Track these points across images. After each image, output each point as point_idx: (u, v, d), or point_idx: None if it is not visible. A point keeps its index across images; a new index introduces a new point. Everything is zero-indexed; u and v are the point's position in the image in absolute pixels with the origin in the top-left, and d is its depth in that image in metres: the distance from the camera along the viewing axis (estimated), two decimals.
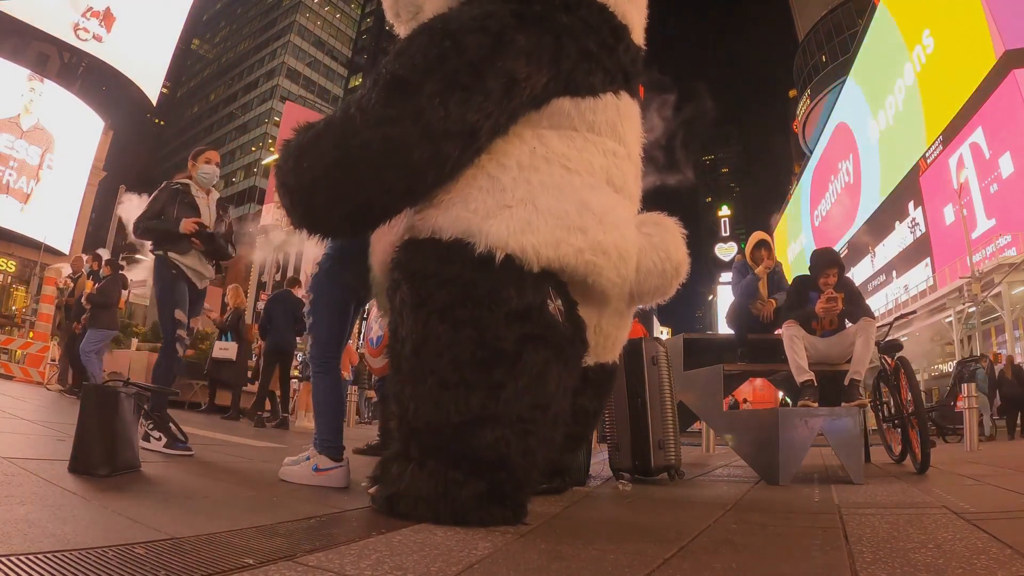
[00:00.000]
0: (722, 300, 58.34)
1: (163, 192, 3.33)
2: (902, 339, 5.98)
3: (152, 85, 30.87)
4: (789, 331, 3.64)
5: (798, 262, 34.76)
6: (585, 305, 2.09)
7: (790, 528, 2.01)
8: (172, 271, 3.21)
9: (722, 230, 75.28)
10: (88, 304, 6.56)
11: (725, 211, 77.45)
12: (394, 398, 1.99)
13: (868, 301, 4.34)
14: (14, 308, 26.28)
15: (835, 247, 22.20)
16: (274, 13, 58.99)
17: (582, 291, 2.05)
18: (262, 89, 56.24)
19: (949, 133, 19.67)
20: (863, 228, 27.36)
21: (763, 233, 4.71)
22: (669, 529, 1.92)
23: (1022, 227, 15.58)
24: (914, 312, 17.25)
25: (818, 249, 4.23)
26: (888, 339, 4.13)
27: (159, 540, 1.32)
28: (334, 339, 2.54)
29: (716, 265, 69.33)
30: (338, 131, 1.93)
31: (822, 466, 4.14)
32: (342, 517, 1.85)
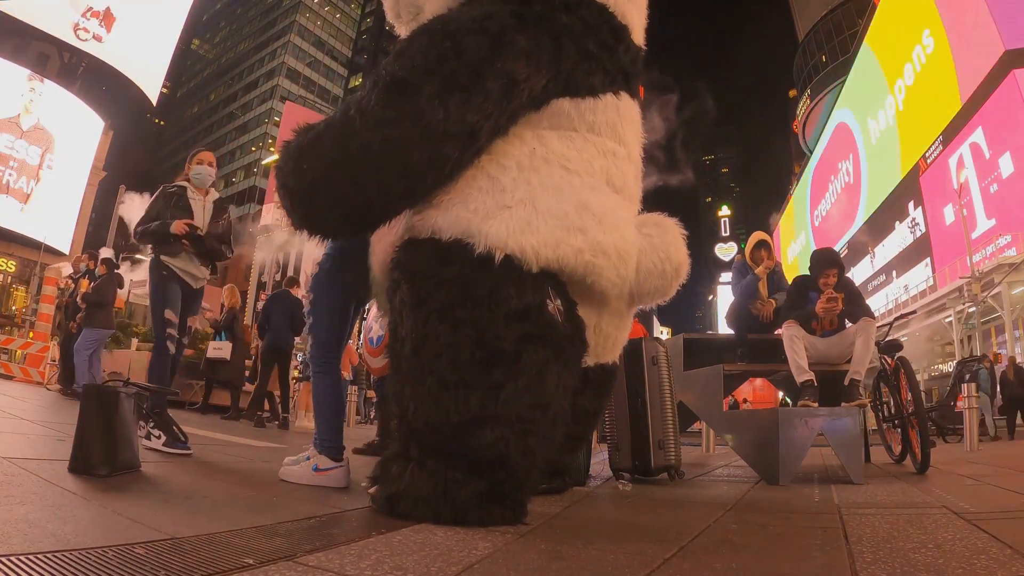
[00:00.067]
0: (722, 300, 58.29)
1: (160, 195, 3.41)
2: (902, 339, 5.97)
3: (152, 85, 30.85)
4: (789, 331, 3.65)
5: (798, 262, 34.77)
6: (584, 305, 2.09)
7: (790, 528, 2.01)
8: (163, 272, 3.28)
9: (722, 230, 75.23)
10: (83, 303, 6.55)
11: (725, 211, 77.39)
12: (394, 398, 2.00)
13: (868, 301, 4.34)
14: (14, 308, 26.29)
15: (835, 247, 22.19)
16: (274, 13, 58.98)
17: (581, 291, 2.06)
18: (262, 89, 56.23)
19: (949, 133, 19.67)
20: (863, 228, 27.35)
21: (763, 233, 4.71)
22: (669, 529, 1.93)
23: (1022, 227, 15.57)
24: (914, 312, 17.24)
25: (818, 249, 4.23)
26: (888, 339, 4.13)
27: (159, 540, 1.32)
28: (334, 339, 2.55)
29: (716, 265, 69.29)
30: (338, 133, 1.93)
31: (822, 466, 4.14)
32: (342, 517, 1.85)
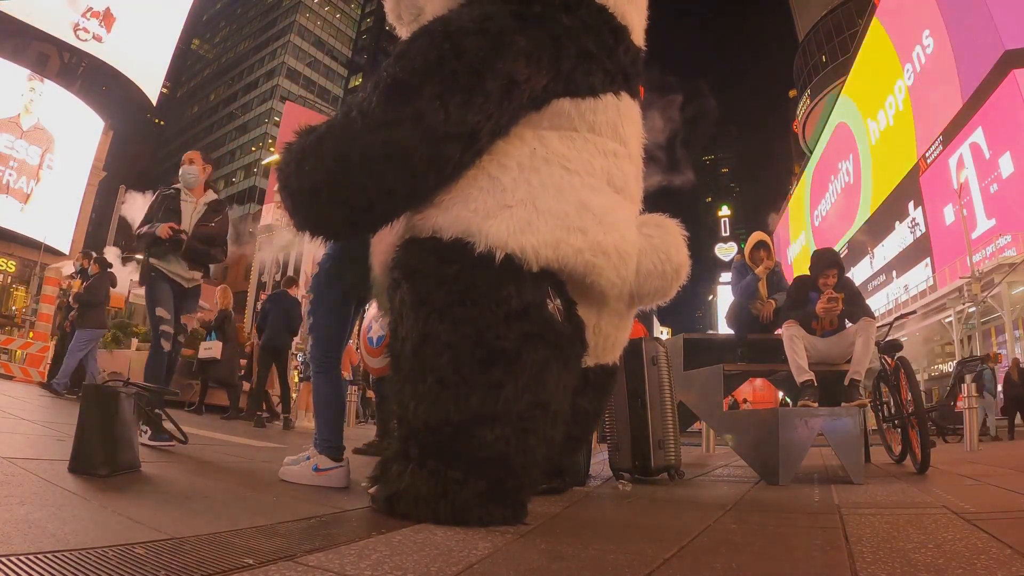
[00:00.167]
0: (722, 300, 58.27)
1: (156, 200, 3.53)
2: (902, 339, 5.97)
3: (152, 85, 30.89)
4: (789, 331, 3.65)
5: (798, 262, 34.76)
6: (584, 305, 2.09)
7: (790, 528, 2.01)
8: (152, 273, 3.41)
9: (722, 230, 75.12)
10: (76, 303, 6.53)
11: (725, 211, 77.27)
12: (394, 397, 2.00)
13: (868, 301, 4.34)
14: (14, 308, 26.29)
15: (835, 247, 22.19)
16: (274, 13, 59.01)
17: (581, 291, 2.06)
18: (262, 89, 56.26)
19: (949, 133, 19.67)
20: (863, 228, 27.34)
21: (762, 233, 4.70)
22: (669, 529, 1.93)
23: (1022, 227, 15.58)
24: (914, 312, 17.23)
25: (818, 249, 4.24)
26: (888, 339, 4.13)
27: (159, 540, 1.32)
28: (334, 339, 2.55)
29: (716, 265, 69.25)
30: (339, 134, 1.93)
31: (822, 466, 4.14)
32: (342, 517, 1.85)
